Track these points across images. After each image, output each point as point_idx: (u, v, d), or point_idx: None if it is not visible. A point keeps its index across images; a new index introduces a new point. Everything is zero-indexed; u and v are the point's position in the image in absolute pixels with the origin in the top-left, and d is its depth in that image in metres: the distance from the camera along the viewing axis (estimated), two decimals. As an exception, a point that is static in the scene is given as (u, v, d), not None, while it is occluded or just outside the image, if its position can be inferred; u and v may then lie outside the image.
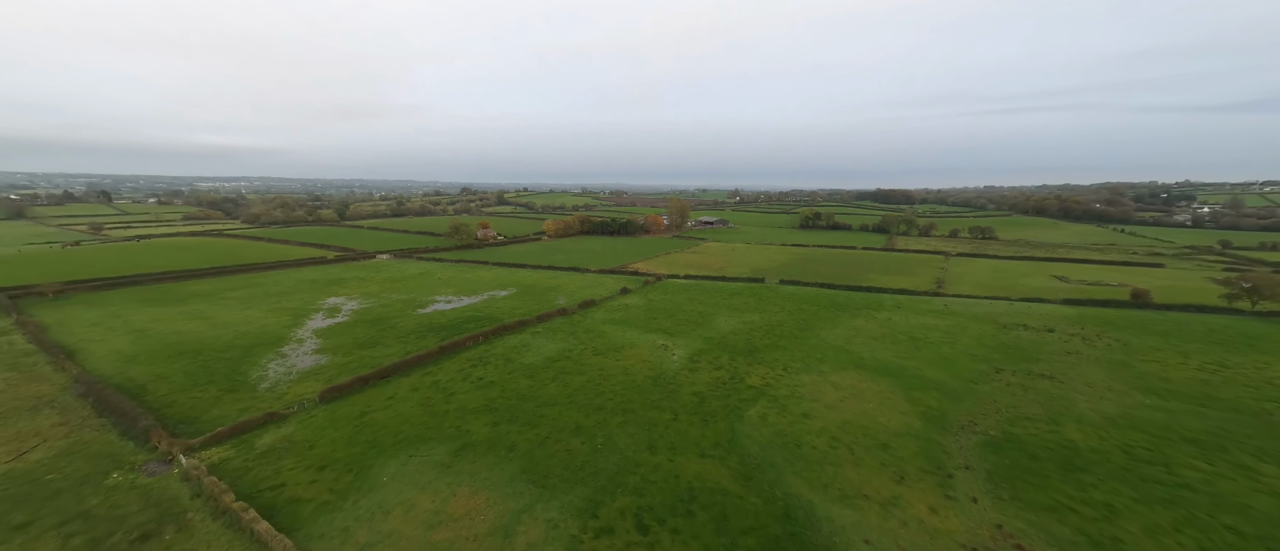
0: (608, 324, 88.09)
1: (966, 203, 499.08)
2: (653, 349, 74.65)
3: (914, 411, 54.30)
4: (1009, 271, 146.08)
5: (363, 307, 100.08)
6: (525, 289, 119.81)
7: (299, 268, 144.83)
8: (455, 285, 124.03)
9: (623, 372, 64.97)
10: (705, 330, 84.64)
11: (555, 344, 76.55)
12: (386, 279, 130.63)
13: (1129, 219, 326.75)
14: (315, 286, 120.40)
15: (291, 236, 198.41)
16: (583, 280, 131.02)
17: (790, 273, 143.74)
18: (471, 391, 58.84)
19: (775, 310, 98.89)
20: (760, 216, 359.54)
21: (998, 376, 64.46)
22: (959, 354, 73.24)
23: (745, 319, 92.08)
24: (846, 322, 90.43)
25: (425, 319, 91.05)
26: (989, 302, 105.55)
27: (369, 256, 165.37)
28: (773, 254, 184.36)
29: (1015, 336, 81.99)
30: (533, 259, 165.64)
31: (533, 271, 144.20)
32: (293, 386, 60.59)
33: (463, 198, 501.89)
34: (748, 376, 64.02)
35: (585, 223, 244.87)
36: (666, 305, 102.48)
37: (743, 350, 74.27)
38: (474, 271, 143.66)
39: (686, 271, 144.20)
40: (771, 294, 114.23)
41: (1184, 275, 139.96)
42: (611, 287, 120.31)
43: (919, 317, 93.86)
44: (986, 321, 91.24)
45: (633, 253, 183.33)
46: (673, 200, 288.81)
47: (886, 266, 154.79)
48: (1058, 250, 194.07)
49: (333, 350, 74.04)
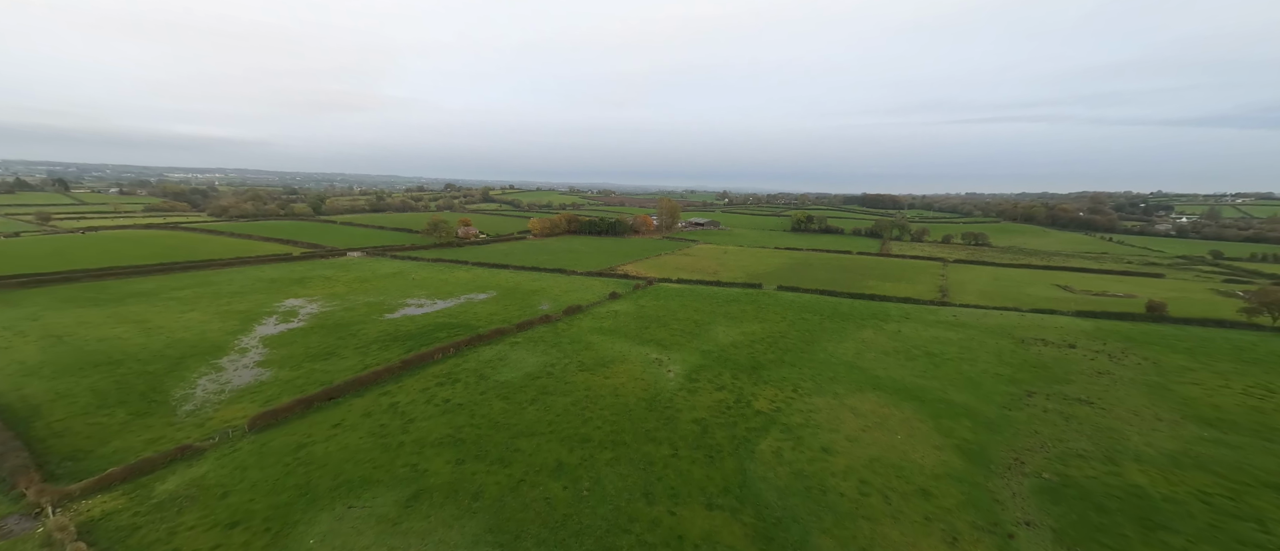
0: (596, 333, 79.81)
1: (953, 209, 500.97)
2: (646, 364, 66.63)
3: (949, 444, 47.18)
4: (1010, 280, 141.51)
5: (323, 311, 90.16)
6: (506, 292, 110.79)
7: (259, 265, 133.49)
8: (430, 287, 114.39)
9: (613, 393, 56.81)
10: (703, 342, 76.90)
11: (536, 357, 68.02)
12: (355, 279, 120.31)
13: (1114, 227, 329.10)
14: (274, 286, 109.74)
15: (257, 231, 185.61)
16: (569, 283, 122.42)
17: (787, 278, 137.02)
18: (435, 417, 50.07)
19: (776, 319, 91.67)
20: (750, 218, 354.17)
21: (1031, 401, 57.87)
22: (982, 373, 66.66)
23: (745, 329, 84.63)
24: (854, 334, 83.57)
25: (391, 326, 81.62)
26: (999, 314, 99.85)
27: (339, 254, 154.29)
28: (767, 257, 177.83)
29: (1037, 353, 75.89)
30: (516, 259, 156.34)
31: (515, 273, 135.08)
32: (220, 409, 51.10)
33: (446, 194, 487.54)
34: (754, 399, 56.37)
35: (572, 222, 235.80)
36: (659, 312, 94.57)
37: (746, 366, 66.66)
38: (452, 272, 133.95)
39: (679, 275, 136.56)
40: (770, 301, 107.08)
41: (1186, 286, 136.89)
42: (599, 292, 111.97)
43: (929, 329, 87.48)
44: (1002, 334, 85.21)
45: (622, 254, 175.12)
46: (663, 200, 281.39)
47: (886, 273, 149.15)
48: (1053, 258, 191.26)
49: (279, 362, 64.44)
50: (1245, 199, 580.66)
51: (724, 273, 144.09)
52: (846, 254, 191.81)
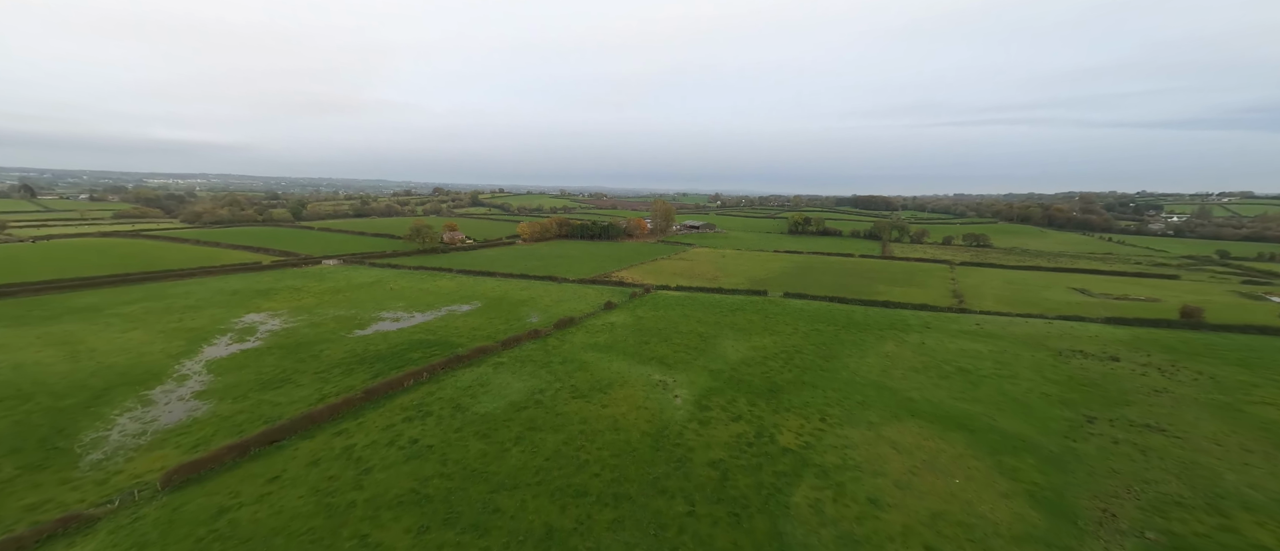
0: (590, 351, 71.34)
1: (945, 210, 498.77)
2: (649, 387, 58.31)
3: (1018, 490, 39.38)
4: (1024, 283, 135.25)
5: (286, 328, 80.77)
6: (492, 302, 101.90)
7: (224, 275, 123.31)
8: (409, 297, 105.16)
9: (612, 427, 48.40)
10: (710, 359, 68.75)
11: (523, 381, 59.39)
12: (327, 289, 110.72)
13: (1111, 227, 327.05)
14: (236, 299, 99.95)
15: (227, 238, 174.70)
16: (560, 291, 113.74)
17: (792, 283, 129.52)
18: (398, 465, 41.33)
19: (788, 331, 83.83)
20: (745, 221, 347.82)
21: (1094, 429, 50.37)
22: (1027, 393, 59.19)
23: (755, 343, 76.62)
24: (875, 348, 75.92)
25: (360, 345, 72.47)
26: (1025, 321, 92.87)
27: (314, 262, 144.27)
28: (767, 261, 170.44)
29: (1079, 367, 68.71)
30: (504, 266, 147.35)
31: (503, 281, 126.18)
32: (134, 459, 41.95)
33: (434, 198, 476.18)
34: (778, 431, 48.27)
35: (563, 226, 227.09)
36: (659, 324, 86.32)
37: (762, 389, 58.60)
38: (434, 280, 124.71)
39: (677, 282, 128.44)
40: (778, 310, 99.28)
41: (1205, 288, 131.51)
42: (593, 301, 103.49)
43: (955, 341, 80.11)
44: (1035, 345, 78.05)
45: (616, 259, 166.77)
46: (657, 203, 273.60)
47: (893, 277, 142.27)
48: (1060, 259, 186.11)
49: (221, 393, 55.21)
50: (1230, 198, 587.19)
51: (725, 278, 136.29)
52: (849, 257, 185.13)
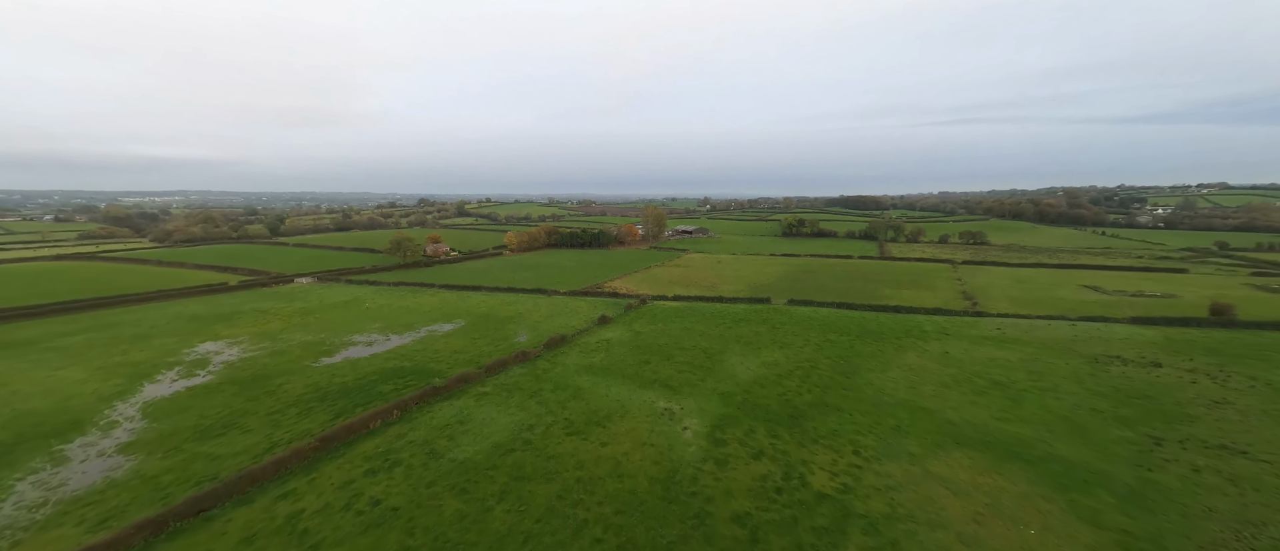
0: (585, 374, 64.00)
1: (934, 207, 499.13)
2: (653, 418, 51.14)
3: (1106, 541, 32.81)
4: (1032, 281, 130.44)
5: (243, 358, 72.34)
6: (477, 320, 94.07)
7: (185, 298, 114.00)
8: (386, 317, 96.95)
9: (614, 472, 41.16)
10: (719, 380, 61.78)
11: (509, 415, 51.88)
12: (297, 311, 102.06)
13: (1101, 221, 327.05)
14: (194, 325, 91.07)
15: (194, 258, 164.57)
16: (550, 305, 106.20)
17: (794, 289, 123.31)
18: (353, 538, 33.65)
19: (799, 343, 77.21)
20: (738, 224, 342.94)
21: (1164, 452, 44.16)
22: (1077, 410, 52.99)
23: (766, 359, 69.84)
24: (896, 359, 69.54)
25: (325, 377, 64.34)
26: (1047, 324, 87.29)
27: (286, 280, 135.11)
28: (765, 266, 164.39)
29: (1122, 376, 62.84)
30: (490, 279, 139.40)
31: (489, 295, 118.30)
32: (20, 545, 33.75)
33: (419, 209, 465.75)
34: (809, 470, 41.36)
35: (552, 234, 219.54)
36: (659, 339, 79.22)
37: (782, 415, 51.72)
38: (415, 297, 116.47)
39: (674, 291, 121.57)
40: (784, 319, 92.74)
41: (1217, 281, 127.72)
42: (587, 315, 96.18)
43: (980, 349, 74.06)
44: (1066, 352, 72.23)
45: (608, 268, 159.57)
46: (648, 208, 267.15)
47: (897, 279, 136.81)
48: (1061, 255, 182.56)
49: (152, 444, 46.97)
50: (1208, 189, 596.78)
51: (724, 285, 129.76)
52: (847, 259, 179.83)
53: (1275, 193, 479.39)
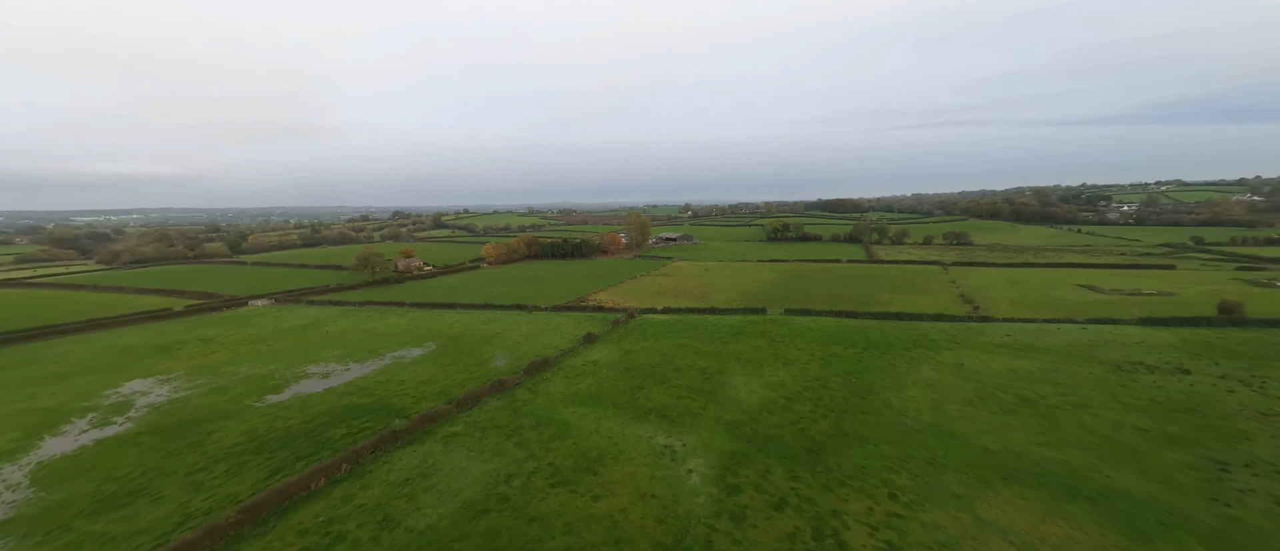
0: (571, 405, 56.60)
1: (910, 209, 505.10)
2: (652, 458, 44.07)
3: (1215, 610, 26.90)
4: (1027, 282, 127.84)
5: (175, 399, 62.75)
6: (450, 343, 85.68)
7: (121, 327, 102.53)
8: (347, 343, 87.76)
9: (609, 536, 33.94)
10: (722, 406, 55.11)
11: (483, 463, 44.14)
12: (247, 339, 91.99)
13: (1074, 219, 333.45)
14: (124, 359, 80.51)
15: (139, 281, 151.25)
16: (531, 324, 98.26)
17: (787, 296, 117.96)
18: (271, 659, 25.56)
19: (803, 358, 71.18)
20: (721, 230, 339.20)
21: (1233, 480, 39.01)
22: (1120, 429, 47.84)
23: (771, 378, 63.50)
24: (910, 374, 64.02)
25: (266, 420, 55.41)
26: (1056, 328, 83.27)
27: (239, 303, 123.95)
28: (754, 272, 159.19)
29: (1152, 384, 58.36)
30: (467, 295, 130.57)
31: (464, 313, 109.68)
32: None
33: (393, 222, 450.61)
34: (843, 524, 34.80)
35: (532, 245, 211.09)
36: (651, 359, 72.25)
37: (800, 449, 45.22)
38: (382, 318, 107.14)
39: (663, 302, 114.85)
40: (783, 331, 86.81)
41: (1206, 276, 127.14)
42: (571, 333, 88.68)
43: (995, 359, 69.12)
44: (1085, 358, 67.80)
45: (592, 279, 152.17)
46: (631, 216, 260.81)
47: (892, 283, 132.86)
48: (1045, 254, 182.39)
49: (32, 523, 37.84)
50: (1166, 185, 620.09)
51: (714, 294, 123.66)
52: (836, 263, 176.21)
53: (1229, 188, 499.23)
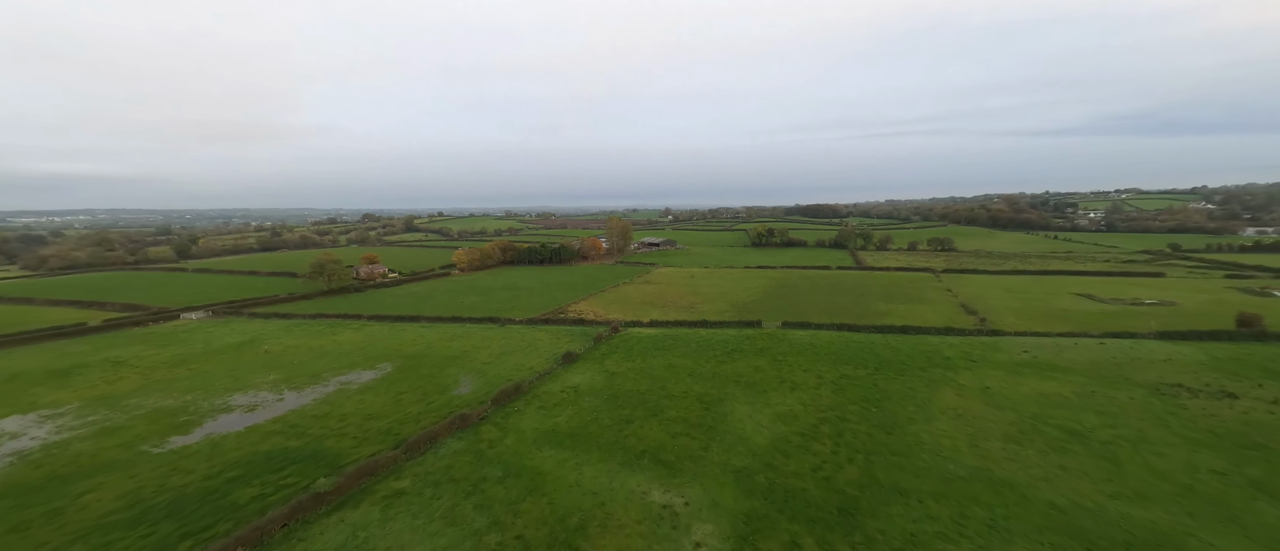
0: (547, 446, 47.04)
1: (888, 214, 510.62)
2: (649, 524, 34.99)
3: None
4: (1024, 291, 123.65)
5: (53, 442, 50.65)
6: (408, 364, 74.88)
7: (19, 346, 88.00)
8: (288, 364, 76.06)
9: (598, 660, 24.47)
10: (727, 447, 46.40)
11: (430, 541, 34.22)
12: (168, 360, 79.24)
13: (1048, 225, 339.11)
14: (8, 389, 67.09)
15: (58, 291, 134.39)
16: (503, 339, 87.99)
17: (781, 307, 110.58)
18: None
19: (811, 381, 63.17)
20: (704, 235, 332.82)
21: (1358, 544, 32.10)
22: (1195, 473, 40.92)
23: (778, 407, 55.17)
24: (933, 399, 56.61)
25: (162, 472, 44.08)
26: (1073, 344, 77.52)
27: (170, 316, 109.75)
28: (743, 280, 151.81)
29: (1202, 412, 52.14)
30: (433, 306, 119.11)
31: (429, 327, 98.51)
32: None
33: (362, 225, 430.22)
34: (905, 628, 26.20)
35: (508, 250, 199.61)
36: (640, 383, 63.17)
37: (828, 507, 36.75)
38: (334, 333, 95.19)
39: (650, 315, 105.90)
40: (783, 347, 78.85)
41: (1200, 285, 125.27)
42: (548, 351, 78.91)
43: (1022, 381, 62.41)
44: (1117, 380, 61.64)
45: (571, 288, 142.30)
46: (612, 220, 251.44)
47: (887, 292, 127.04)
48: (1031, 260, 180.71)
49: None
50: (1126, 194, 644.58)
51: (704, 305, 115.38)
52: (826, 269, 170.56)
53: (1183, 196, 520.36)
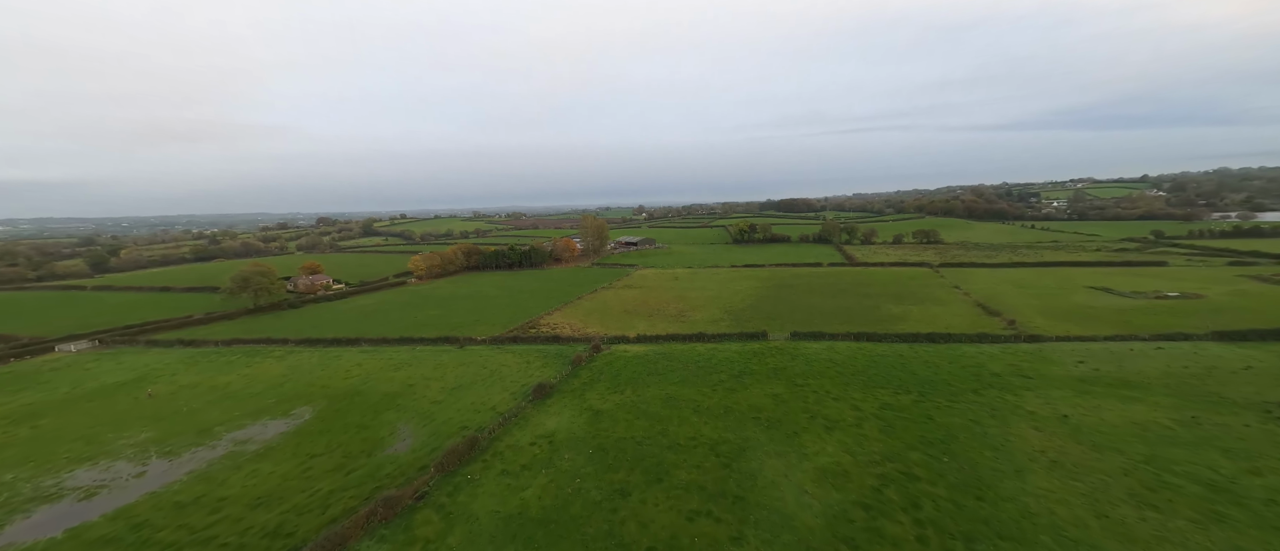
0: (509, 544, 32.24)
1: (862, 208, 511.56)
2: None
3: None
4: (1035, 286, 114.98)
5: None
6: (334, 408, 58.42)
7: None
8: (173, 413, 58.42)
9: None
10: (767, 537, 32.75)
11: None
12: (12, 413, 60.57)
13: (1022, 215, 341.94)
14: None
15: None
16: (459, 366, 72.12)
17: (780, 311, 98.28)
18: None
19: (847, 414, 50.27)
20: (682, 233, 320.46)
21: None
22: None
23: (820, 459, 41.91)
24: (1010, 438, 44.45)
25: None
26: (1127, 350, 67.27)
27: (43, 348, 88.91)
28: (731, 281, 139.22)
29: (1347, 444, 41.49)
30: (380, 323, 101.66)
31: (372, 352, 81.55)
32: None
33: (315, 230, 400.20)
34: None
35: (472, 254, 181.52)
36: (635, 431, 48.88)
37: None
38: (249, 365, 77.25)
39: (636, 326, 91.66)
40: (800, 366, 65.91)
41: (1208, 274, 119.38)
42: (515, 383, 63.67)
43: (1102, 404, 51.06)
44: (1211, 398, 50.97)
45: (544, 295, 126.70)
46: (587, 219, 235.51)
47: (891, 291, 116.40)
48: (1021, 252, 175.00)
49: None
50: (1081, 183, 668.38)
51: (695, 312, 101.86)
52: (817, 266, 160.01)
53: (1134, 185, 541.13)
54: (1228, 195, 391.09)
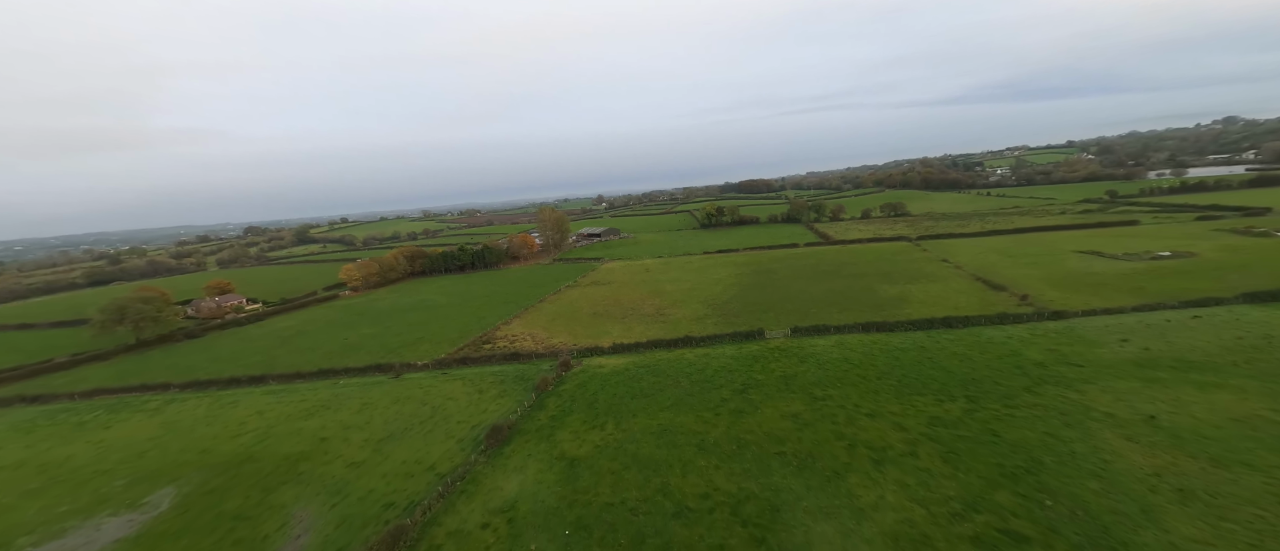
0: None
1: (819, 185, 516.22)
2: None
3: None
4: (1024, 254, 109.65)
5: None
6: (211, 486, 42.57)
7: None
8: (-41, 524, 40.67)
9: None
10: None
11: None
12: None
13: (975, 183, 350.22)
14: None
15: None
16: (392, 407, 56.92)
17: (768, 301, 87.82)
18: None
19: (892, 436, 39.53)
20: (646, 220, 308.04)
21: None
22: None
23: (885, 520, 30.82)
24: (1109, 462, 34.91)
25: None
26: (1163, 321, 60.34)
27: None
28: (708, 269, 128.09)
29: None
30: (299, 350, 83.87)
31: (281, 392, 64.66)
32: None
33: (241, 241, 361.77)
34: None
35: (417, 258, 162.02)
36: (625, 492, 36.30)
37: None
38: (109, 425, 59.11)
39: (610, 332, 78.58)
40: (812, 371, 54.98)
41: (1183, 230, 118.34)
42: (463, 424, 49.46)
43: (1179, 396, 42.67)
44: (1296, 379, 43.52)
45: (500, 300, 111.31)
46: (545, 211, 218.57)
47: (880, 269, 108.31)
48: (991, 219, 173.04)
49: None
50: (1019, 151, 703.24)
51: (674, 309, 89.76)
52: (794, 247, 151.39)
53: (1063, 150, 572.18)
54: (1151, 155, 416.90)
